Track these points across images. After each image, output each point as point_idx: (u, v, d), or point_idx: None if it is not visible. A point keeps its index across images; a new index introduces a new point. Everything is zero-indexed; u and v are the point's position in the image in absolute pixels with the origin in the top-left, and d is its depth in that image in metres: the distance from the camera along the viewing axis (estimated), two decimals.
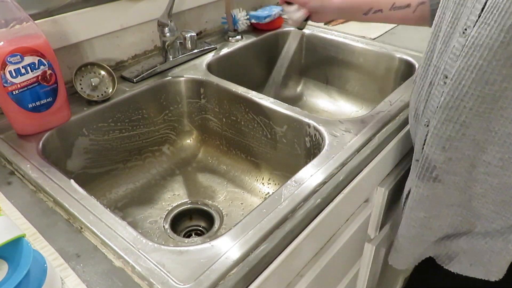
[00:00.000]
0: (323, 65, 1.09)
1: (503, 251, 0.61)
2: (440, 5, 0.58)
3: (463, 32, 0.51)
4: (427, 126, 0.59)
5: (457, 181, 0.59)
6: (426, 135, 0.60)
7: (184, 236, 0.77)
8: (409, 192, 0.67)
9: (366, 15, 0.75)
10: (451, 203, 0.62)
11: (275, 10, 1.07)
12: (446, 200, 0.62)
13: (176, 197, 0.83)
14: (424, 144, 0.61)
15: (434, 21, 0.59)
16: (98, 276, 0.45)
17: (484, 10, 0.48)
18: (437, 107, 0.56)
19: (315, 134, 0.71)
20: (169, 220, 0.78)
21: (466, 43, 0.50)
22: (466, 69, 0.51)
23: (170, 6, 0.83)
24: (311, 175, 0.58)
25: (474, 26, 0.50)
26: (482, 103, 0.51)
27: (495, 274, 0.63)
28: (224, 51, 0.98)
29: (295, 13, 0.77)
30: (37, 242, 0.49)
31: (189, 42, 0.92)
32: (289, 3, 0.80)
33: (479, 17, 0.49)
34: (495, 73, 0.49)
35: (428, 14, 0.71)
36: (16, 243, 0.40)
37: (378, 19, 0.75)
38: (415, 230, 0.68)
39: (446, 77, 0.55)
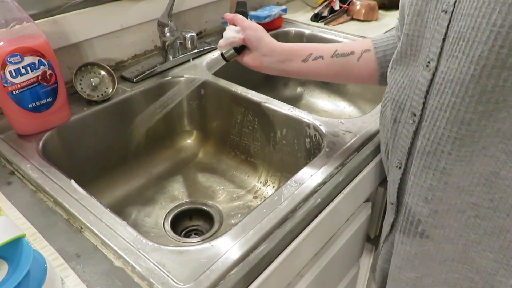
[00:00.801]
0: None
1: None
2: (404, 37, 0.52)
3: (427, 66, 0.47)
4: (399, 168, 0.55)
5: (446, 233, 0.52)
6: (400, 180, 0.55)
7: (184, 236, 0.77)
8: (387, 241, 0.63)
9: (305, 61, 0.67)
10: (444, 259, 0.55)
11: (275, 10, 1.07)
12: (438, 256, 0.55)
13: (176, 197, 0.83)
14: (398, 189, 0.56)
15: (399, 53, 0.54)
16: (98, 276, 0.45)
17: (448, 41, 0.44)
18: (416, 153, 0.51)
19: (315, 135, 0.71)
20: (169, 220, 0.78)
21: (437, 79, 0.46)
22: (439, 108, 0.46)
23: (170, 6, 0.83)
24: (311, 175, 0.58)
25: (438, 59, 0.46)
26: (461, 146, 0.46)
27: None
28: None
29: (232, 31, 0.69)
30: (37, 242, 0.49)
31: (189, 42, 0.92)
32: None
33: (441, 48, 0.45)
34: (470, 111, 0.44)
35: (375, 63, 0.65)
36: (16, 243, 0.40)
37: (319, 67, 0.67)
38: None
39: (414, 115, 0.51)
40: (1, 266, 0.39)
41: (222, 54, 0.71)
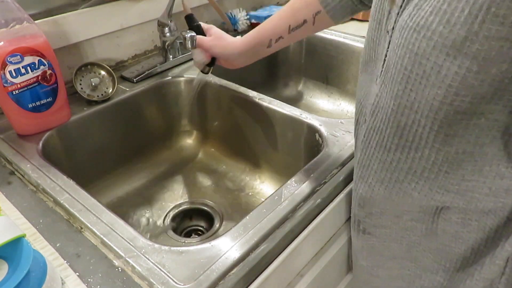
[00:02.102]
0: (323, 65, 1.09)
1: None
2: (369, 27, 0.51)
3: (376, 81, 0.47)
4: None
5: (388, 233, 0.55)
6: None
7: (184, 236, 0.77)
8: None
9: (269, 47, 0.70)
10: (392, 255, 0.57)
11: (275, 10, 1.07)
12: (386, 252, 0.57)
13: (176, 197, 0.83)
14: None
15: (364, 48, 0.53)
16: (98, 276, 0.45)
17: (384, 67, 0.44)
18: (356, 162, 0.53)
19: (315, 135, 0.71)
20: (169, 220, 0.78)
21: (373, 101, 0.47)
22: (373, 129, 0.47)
23: (170, 6, 0.83)
24: (311, 175, 0.58)
25: (377, 79, 0.46)
26: (382, 170, 0.48)
27: None
28: None
29: (199, 54, 0.73)
30: (37, 242, 0.49)
31: (189, 42, 0.92)
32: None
33: (381, 71, 0.45)
34: (390, 140, 0.45)
35: (330, 20, 0.66)
36: (16, 243, 0.40)
37: (283, 45, 0.71)
38: (363, 277, 0.65)
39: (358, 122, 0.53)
40: (1, 266, 0.39)
41: (201, 72, 0.77)
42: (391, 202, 0.50)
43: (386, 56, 0.44)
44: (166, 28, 0.86)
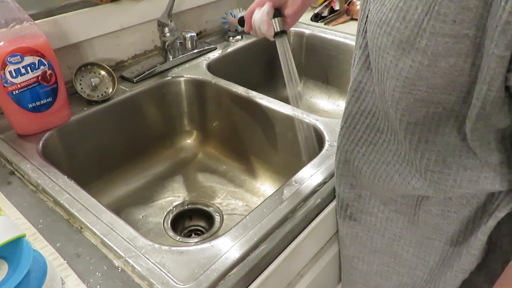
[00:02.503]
0: (323, 65, 1.09)
1: None
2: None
3: (358, 66, 0.48)
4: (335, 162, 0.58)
5: (373, 222, 0.57)
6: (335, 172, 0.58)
7: (184, 236, 0.77)
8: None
9: None
10: (374, 248, 0.59)
11: None
12: (369, 244, 0.59)
13: (176, 197, 0.83)
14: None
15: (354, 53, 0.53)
16: (98, 276, 0.45)
17: (367, 57, 0.45)
18: (337, 149, 0.54)
19: (315, 135, 0.71)
20: (169, 220, 0.78)
21: (356, 87, 0.48)
22: (360, 114, 0.49)
23: (170, 6, 0.83)
24: (311, 175, 0.58)
25: (359, 67, 0.47)
26: (372, 152, 0.49)
27: None
28: (224, 51, 0.98)
29: (257, 14, 0.62)
30: (37, 242, 0.49)
31: (189, 42, 0.92)
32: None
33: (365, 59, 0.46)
34: (383, 122, 0.46)
35: None
36: (16, 243, 0.40)
37: None
38: (345, 268, 0.66)
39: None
40: (1, 266, 0.39)
41: (275, 34, 0.63)
42: (377, 185, 0.51)
43: (362, 41, 0.46)
44: (166, 28, 0.86)
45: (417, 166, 0.44)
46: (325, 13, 1.15)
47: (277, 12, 0.63)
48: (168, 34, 0.86)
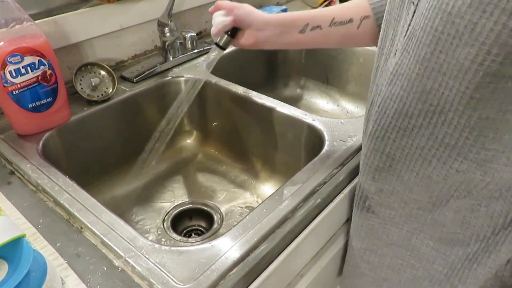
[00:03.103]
0: (323, 65, 1.09)
1: None
2: (384, 18, 0.52)
3: (395, 54, 0.47)
4: (363, 150, 0.57)
5: (392, 215, 0.56)
6: (361, 161, 0.57)
7: (184, 236, 0.77)
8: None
9: (302, 32, 0.63)
10: (389, 241, 0.58)
11: (275, 10, 1.07)
12: (384, 237, 0.59)
13: (176, 197, 0.83)
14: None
15: (380, 35, 0.54)
16: (98, 276, 0.45)
17: (406, 35, 0.44)
18: (368, 135, 0.53)
19: (315, 135, 0.71)
20: (169, 220, 0.78)
21: (392, 70, 0.47)
22: (390, 98, 0.47)
23: (170, 6, 0.83)
24: (311, 175, 0.58)
25: (396, 53, 0.46)
26: (403, 137, 0.48)
27: None
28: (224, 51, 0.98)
29: (218, 17, 0.65)
30: (37, 242, 0.49)
31: (189, 42, 0.92)
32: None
33: (402, 43, 0.45)
34: (412, 106, 0.45)
35: (375, 30, 0.62)
36: (16, 243, 0.40)
37: (317, 37, 0.63)
38: (353, 260, 0.66)
39: (372, 101, 0.52)
40: (1, 266, 0.39)
41: (216, 44, 0.67)
42: (411, 172, 0.49)
43: (409, 25, 0.44)
44: (166, 28, 0.86)
45: (460, 148, 0.43)
46: None
47: (233, 30, 0.65)
48: (168, 34, 0.86)
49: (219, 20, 0.64)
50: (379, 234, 0.59)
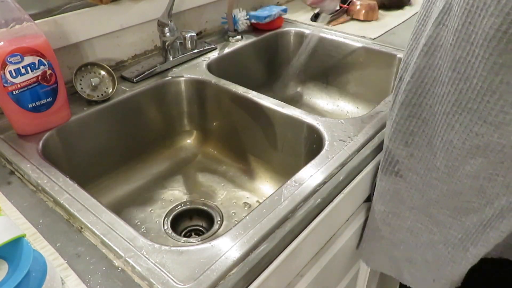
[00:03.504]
0: (323, 65, 1.09)
1: (463, 261, 0.61)
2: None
3: (427, 29, 0.52)
4: (392, 119, 0.60)
5: (417, 181, 0.60)
6: (390, 129, 0.61)
7: (184, 236, 0.77)
8: (375, 186, 0.69)
9: None
10: (412, 206, 0.63)
11: (275, 10, 1.07)
12: (408, 201, 0.63)
13: (176, 197, 0.83)
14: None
15: (416, 19, 0.58)
16: (98, 276, 0.45)
17: (442, 10, 0.49)
18: (401, 104, 0.57)
19: (315, 135, 0.71)
20: (169, 220, 0.78)
21: (426, 42, 0.51)
22: (427, 68, 0.52)
23: (170, 6, 0.83)
24: (311, 175, 0.58)
25: (431, 27, 0.50)
26: (437, 103, 0.52)
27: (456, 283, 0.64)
28: (224, 51, 0.98)
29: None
30: (37, 242, 0.49)
31: (189, 42, 0.92)
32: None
33: (439, 17, 0.49)
34: (444, 73, 0.49)
35: None
36: (16, 243, 0.40)
37: None
38: (374, 224, 0.69)
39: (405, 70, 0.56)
40: (1, 266, 0.39)
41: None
42: (437, 136, 0.54)
43: (445, 1, 0.48)
44: (166, 28, 0.86)
45: (481, 112, 0.47)
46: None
47: None
48: (168, 34, 0.86)
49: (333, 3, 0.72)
50: (403, 198, 0.63)
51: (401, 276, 0.72)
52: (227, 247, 0.47)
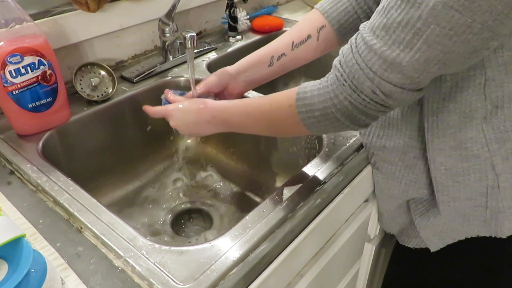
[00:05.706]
0: (323, 65, 1.09)
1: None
2: None
3: None
4: None
5: (393, 170, 0.62)
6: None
7: (184, 236, 0.77)
8: None
9: (271, 65, 0.68)
10: (391, 195, 0.65)
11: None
12: (386, 191, 0.66)
13: (176, 197, 0.83)
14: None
15: None
16: (98, 276, 0.45)
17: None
18: None
19: (315, 135, 0.71)
20: (169, 220, 0.78)
21: None
22: None
23: (174, 7, 0.83)
24: (311, 175, 0.58)
25: None
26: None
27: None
28: (224, 51, 0.98)
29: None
30: (37, 242, 0.49)
31: (189, 42, 0.92)
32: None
33: None
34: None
35: (334, 36, 0.67)
36: (16, 243, 0.40)
37: (286, 63, 0.69)
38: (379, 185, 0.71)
39: None
40: (1, 266, 0.39)
41: None
42: (403, 132, 0.58)
43: None
44: (167, 28, 0.86)
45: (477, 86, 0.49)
46: None
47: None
48: (168, 34, 0.86)
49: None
50: (382, 188, 0.66)
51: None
52: (227, 247, 0.47)
